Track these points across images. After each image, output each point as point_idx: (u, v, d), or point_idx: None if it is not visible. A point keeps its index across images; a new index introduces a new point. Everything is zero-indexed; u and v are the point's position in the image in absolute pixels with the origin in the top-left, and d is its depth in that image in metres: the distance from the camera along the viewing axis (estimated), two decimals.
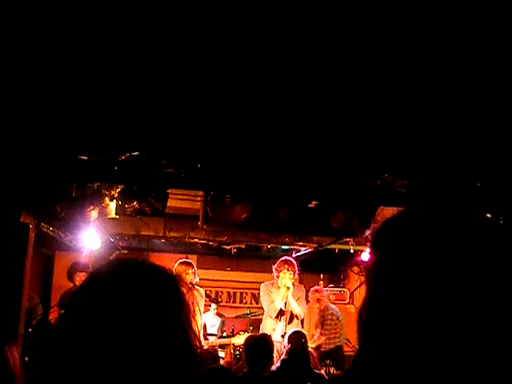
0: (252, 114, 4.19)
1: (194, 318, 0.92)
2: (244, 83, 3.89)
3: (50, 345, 0.89)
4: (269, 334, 6.01)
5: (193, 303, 0.93)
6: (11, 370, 1.58)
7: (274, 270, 6.37)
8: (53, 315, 7.50)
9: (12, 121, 4.13)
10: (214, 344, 6.80)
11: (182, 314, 0.91)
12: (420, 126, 4.32)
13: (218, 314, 8.28)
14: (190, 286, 6.24)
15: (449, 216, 0.78)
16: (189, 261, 6.59)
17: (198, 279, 6.40)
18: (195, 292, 6.21)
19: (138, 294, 0.89)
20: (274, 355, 5.35)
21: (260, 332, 6.33)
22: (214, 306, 8.25)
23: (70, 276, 7.15)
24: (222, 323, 8.10)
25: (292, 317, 6.30)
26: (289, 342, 5.03)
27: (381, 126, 4.33)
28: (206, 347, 5.59)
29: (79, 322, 0.87)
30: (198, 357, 0.92)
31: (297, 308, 6.30)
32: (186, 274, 6.07)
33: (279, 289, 6.27)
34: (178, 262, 6.26)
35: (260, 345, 4.70)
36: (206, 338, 7.01)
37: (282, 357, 5.03)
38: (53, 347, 0.88)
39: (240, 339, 6.88)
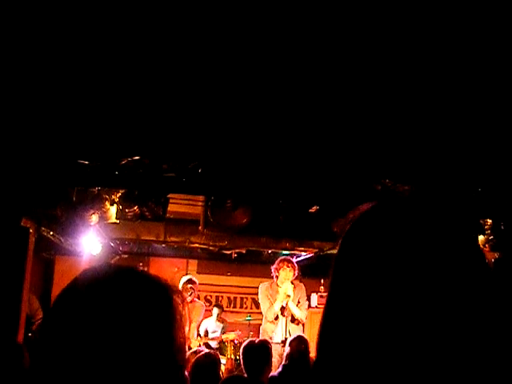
0: (253, 120, 4.19)
1: (184, 329, 0.88)
2: (244, 88, 3.90)
3: (32, 352, 0.86)
4: (269, 336, 6.00)
5: (184, 315, 0.88)
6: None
7: (273, 270, 6.32)
8: None
9: (12, 125, 4.14)
10: (205, 340, 7.05)
11: (172, 326, 0.86)
12: (421, 131, 4.32)
13: (220, 320, 8.25)
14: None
15: (415, 215, 0.73)
16: (193, 278, 7.00)
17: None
18: (197, 304, 6.58)
19: (125, 303, 0.84)
20: (276, 359, 5.33)
21: (260, 335, 6.30)
22: (216, 310, 8.23)
23: None
24: (224, 329, 8.08)
25: (292, 318, 6.26)
26: (289, 347, 5.01)
27: (381, 131, 4.33)
28: (206, 351, 5.60)
29: (59, 329, 0.82)
30: (184, 373, 0.88)
31: (298, 313, 6.24)
32: (187, 291, 6.54)
33: (279, 288, 6.22)
34: (184, 281, 6.79)
35: (258, 350, 4.68)
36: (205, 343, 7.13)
37: (283, 362, 5.00)
38: (34, 355, 0.85)
39: (230, 335, 7.45)
